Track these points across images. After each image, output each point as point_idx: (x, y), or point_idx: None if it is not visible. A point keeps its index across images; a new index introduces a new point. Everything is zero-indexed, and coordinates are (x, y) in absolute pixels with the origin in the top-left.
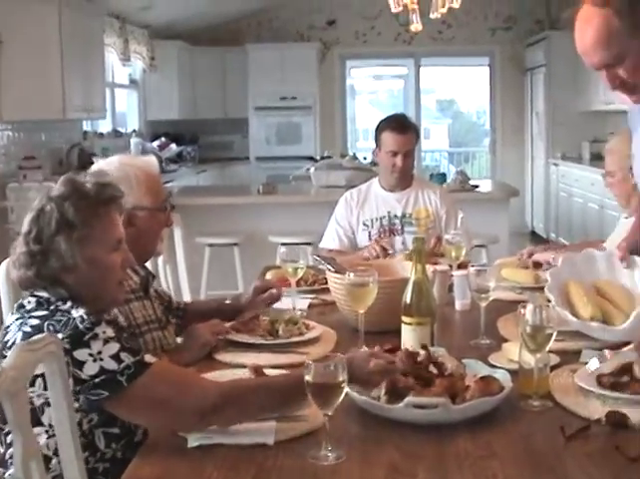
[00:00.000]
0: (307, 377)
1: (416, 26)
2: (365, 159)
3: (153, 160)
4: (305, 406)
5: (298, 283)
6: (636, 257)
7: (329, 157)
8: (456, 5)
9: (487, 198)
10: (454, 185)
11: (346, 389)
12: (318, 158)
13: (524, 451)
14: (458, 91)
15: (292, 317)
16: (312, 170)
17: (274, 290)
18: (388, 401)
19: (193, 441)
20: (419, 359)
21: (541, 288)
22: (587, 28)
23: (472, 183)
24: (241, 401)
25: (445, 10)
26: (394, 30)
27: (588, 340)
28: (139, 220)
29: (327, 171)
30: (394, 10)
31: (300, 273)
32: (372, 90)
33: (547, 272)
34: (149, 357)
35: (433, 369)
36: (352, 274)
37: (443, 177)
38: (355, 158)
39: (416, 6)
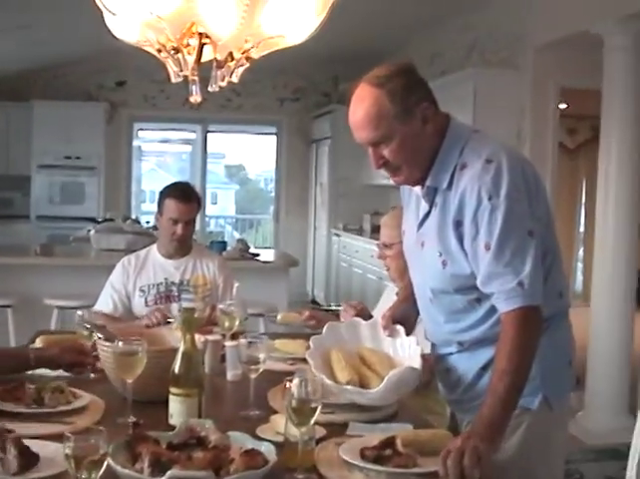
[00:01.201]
0: (67, 451)
1: (195, 97)
2: (148, 222)
3: None
4: None
5: None
6: (399, 326)
7: (111, 219)
8: (235, 80)
9: (267, 267)
10: (233, 253)
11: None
12: (100, 219)
13: None
14: (247, 157)
15: (59, 386)
16: (92, 232)
17: None
18: (151, 474)
19: None
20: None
21: None
22: (359, 105)
23: (252, 251)
24: None
25: (224, 84)
26: (183, 95)
27: (356, 413)
28: None
29: (107, 234)
30: (174, 80)
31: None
32: (160, 152)
33: (310, 339)
34: None
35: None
36: (120, 343)
37: (223, 244)
38: (137, 222)
39: (196, 77)
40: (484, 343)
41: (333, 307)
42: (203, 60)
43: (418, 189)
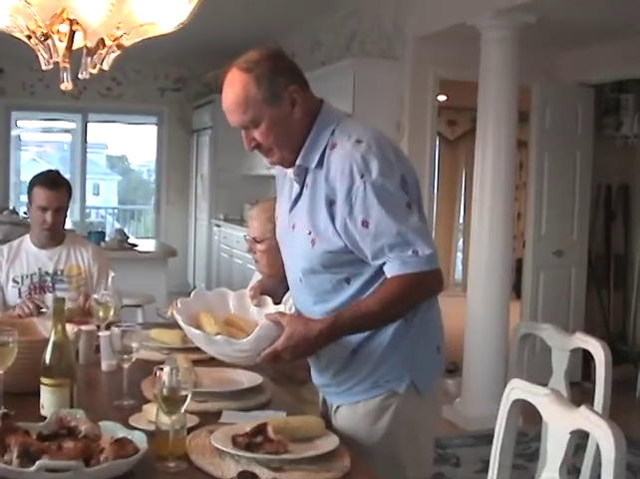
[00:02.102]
0: None
1: (66, 85)
2: (26, 213)
3: None
4: None
5: None
6: (266, 297)
7: None
8: (106, 67)
9: (145, 257)
10: (112, 243)
11: None
12: None
13: None
14: (129, 148)
15: None
16: None
17: None
18: (20, 465)
19: None
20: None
21: (188, 349)
22: (229, 90)
23: (130, 241)
24: None
25: (95, 71)
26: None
27: (229, 401)
28: None
29: None
30: (44, 67)
31: None
32: (40, 142)
33: (178, 300)
34: None
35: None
36: None
37: (102, 234)
38: (14, 212)
39: (67, 65)
40: None
41: None
42: (75, 47)
43: (290, 171)
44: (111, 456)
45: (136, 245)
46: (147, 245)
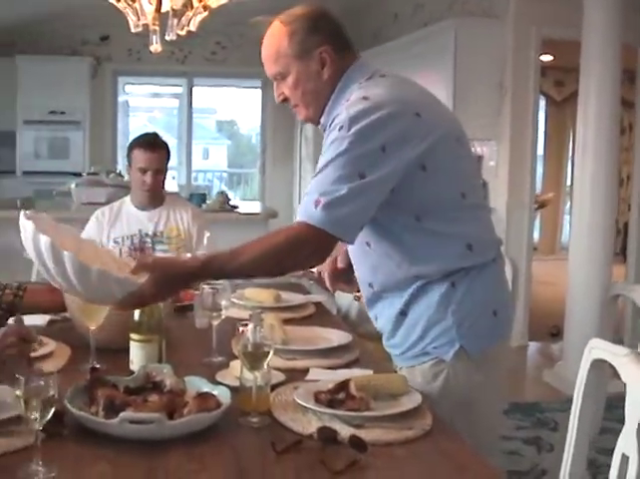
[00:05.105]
0: (18, 392)
1: (155, 47)
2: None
3: None
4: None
5: None
6: None
7: (95, 173)
8: (193, 28)
9: (246, 219)
10: (213, 205)
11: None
12: (84, 174)
13: (236, 465)
14: (238, 112)
15: None
16: (73, 186)
17: None
18: (105, 416)
19: None
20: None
21: (282, 308)
22: (266, 40)
23: (232, 204)
24: None
25: (183, 32)
26: (167, 48)
27: (317, 359)
28: None
29: (87, 187)
30: (134, 30)
31: None
32: (149, 107)
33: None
34: None
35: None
36: None
37: (203, 197)
38: (120, 175)
39: (157, 27)
40: (393, 290)
41: None
42: (163, 9)
43: None
44: (193, 410)
45: (236, 207)
46: (249, 207)
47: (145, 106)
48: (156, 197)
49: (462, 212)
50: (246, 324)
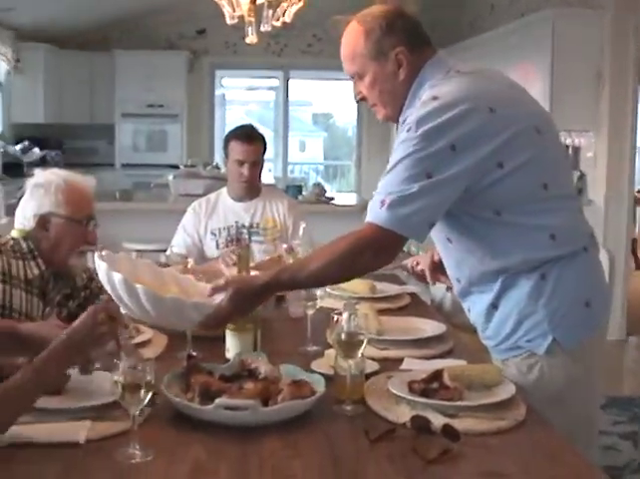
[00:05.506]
0: (116, 377)
1: (251, 38)
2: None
3: (87, 178)
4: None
5: None
6: None
7: (192, 165)
8: (288, 20)
9: (341, 210)
10: (309, 196)
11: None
12: (182, 166)
13: (329, 452)
14: (334, 105)
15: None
16: (171, 178)
17: None
18: (201, 403)
19: (3, 441)
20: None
21: (377, 299)
22: (344, 39)
23: (328, 195)
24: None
25: (279, 23)
26: (264, 41)
27: (411, 349)
28: (52, 226)
29: (185, 179)
30: (229, 22)
31: None
32: (245, 100)
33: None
34: None
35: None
36: None
37: (299, 189)
38: (217, 167)
39: (252, 19)
40: (479, 284)
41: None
42: (259, 1)
43: None
44: (288, 397)
45: (332, 199)
46: (344, 199)
47: (240, 99)
48: (252, 188)
49: (543, 203)
50: (340, 313)
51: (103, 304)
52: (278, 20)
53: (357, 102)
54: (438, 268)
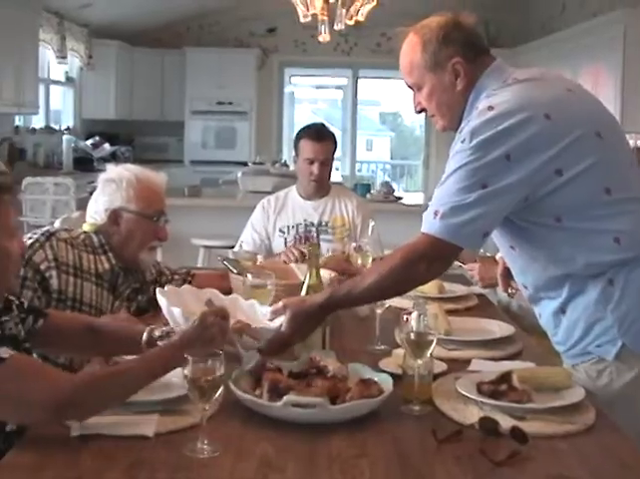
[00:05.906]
0: (185, 372)
1: (324, 36)
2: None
3: (159, 174)
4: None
5: None
6: None
7: (261, 163)
8: (361, 18)
9: (410, 210)
10: (377, 195)
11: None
12: (250, 164)
13: (396, 452)
14: (402, 104)
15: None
16: (239, 175)
17: None
18: (269, 399)
19: (75, 431)
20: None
21: (445, 299)
22: (403, 49)
23: (396, 195)
24: (101, 392)
25: (352, 22)
26: (333, 40)
27: (479, 350)
28: (123, 221)
29: (253, 176)
30: (302, 20)
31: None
32: (313, 99)
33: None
34: (3, 351)
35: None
36: (250, 276)
37: (367, 187)
38: (285, 165)
39: (325, 17)
40: (546, 290)
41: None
42: (332, 0)
43: None
44: (356, 395)
45: (401, 198)
46: (413, 199)
47: (309, 97)
48: (322, 187)
49: (606, 208)
50: (410, 313)
51: (213, 308)
52: (351, 19)
53: (417, 113)
54: (508, 275)
